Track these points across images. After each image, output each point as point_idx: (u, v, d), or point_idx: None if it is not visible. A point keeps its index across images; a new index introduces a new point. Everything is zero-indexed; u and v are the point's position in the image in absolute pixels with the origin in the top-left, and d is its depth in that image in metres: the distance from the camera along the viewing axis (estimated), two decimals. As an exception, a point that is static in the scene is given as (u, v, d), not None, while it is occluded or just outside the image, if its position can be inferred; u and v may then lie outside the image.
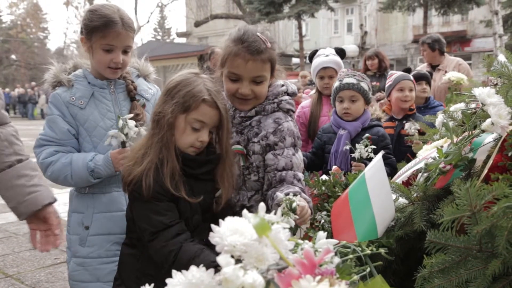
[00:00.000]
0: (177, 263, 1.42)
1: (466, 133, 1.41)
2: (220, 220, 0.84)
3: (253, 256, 0.80)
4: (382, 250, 1.09)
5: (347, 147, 2.44)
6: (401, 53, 26.20)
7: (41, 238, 1.66)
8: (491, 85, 1.70)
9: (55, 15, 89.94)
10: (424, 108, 3.66)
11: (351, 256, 1.02)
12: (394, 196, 1.44)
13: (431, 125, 2.07)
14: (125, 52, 1.92)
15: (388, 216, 1.34)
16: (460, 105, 1.68)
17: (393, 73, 3.46)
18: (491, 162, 1.27)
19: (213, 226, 0.84)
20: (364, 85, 2.60)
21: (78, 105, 1.92)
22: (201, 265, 0.79)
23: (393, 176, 1.74)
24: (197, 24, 24.11)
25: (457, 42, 24.83)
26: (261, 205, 0.88)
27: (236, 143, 1.71)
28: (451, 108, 1.71)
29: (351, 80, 2.59)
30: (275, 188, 1.63)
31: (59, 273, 3.70)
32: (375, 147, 2.32)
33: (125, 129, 1.84)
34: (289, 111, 1.76)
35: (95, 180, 1.90)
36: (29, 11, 43.18)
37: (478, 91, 1.35)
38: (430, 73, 4.00)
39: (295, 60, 24.11)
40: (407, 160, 2.77)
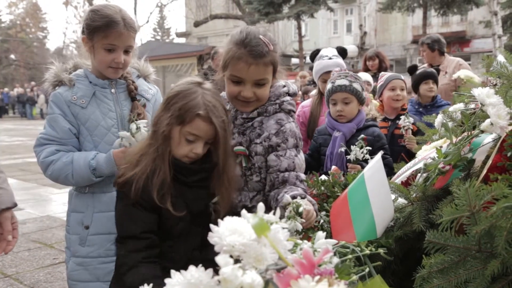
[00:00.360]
0: (125, 278, 1.47)
1: (465, 133, 1.41)
2: (219, 220, 0.84)
3: (252, 256, 0.79)
4: (381, 250, 1.10)
5: (342, 149, 2.43)
6: (400, 54, 26.22)
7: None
8: (490, 85, 1.70)
9: (54, 14, 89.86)
10: (430, 106, 3.62)
11: (350, 256, 1.02)
12: (393, 196, 1.44)
13: (430, 125, 2.07)
14: (126, 52, 1.93)
15: (387, 216, 1.34)
16: (459, 106, 1.68)
17: (384, 74, 3.46)
18: (490, 162, 1.27)
19: (212, 226, 0.84)
20: (356, 85, 2.56)
21: (80, 104, 1.92)
22: None
23: (390, 176, 1.74)
24: (197, 24, 24.12)
25: (456, 42, 24.86)
26: (260, 205, 0.88)
27: (238, 144, 1.71)
28: (450, 109, 1.71)
29: (343, 82, 2.56)
30: (278, 189, 1.63)
31: (57, 273, 3.70)
32: (370, 148, 2.31)
33: (137, 135, 1.85)
34: (290, 112, 1.76)
35: (96, 179, 1.91)
36: (28, 10, 43.16)
37: (477, 92, 1.35)
38: (437, 70, 3.89)
39: (295, 61, 24.12)
40: (401, 159, 2.79)
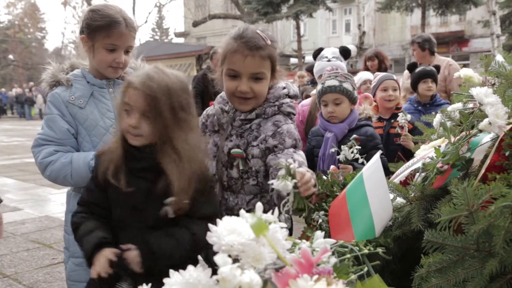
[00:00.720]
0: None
1: (464, 132, 1.41)
2: (218, 220, 0.84)
3: (251, 256, 0.80)
4: (379, 250, 1.10)
5: (333, 149, 2.41)
6: (399, 53, 26.23)
7: None
8: (488, 85, 1.70)
9: (52, 15, 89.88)
10: (429, 105, 3.60)
11: (348, 256, 1.02)
12: (392, 196, 1.44)
13: (428, 125, 2.07)
14: (126, 52, 1.94)
15: (386, 216, 1.34)
16: (457, 105, 1.68)
17: (377, 74, 3.47)
18: (488, 161, 1.27)
19: (210, 225, 0.84)
20: (347, 85, 2.53)
21: (78, 104, 1.92)
22: None
23: (388, 176, 1.74)
24: (195, 24, 24.11)
25: (455, 42, 24.90)
26: (259, 205, 0.88)
27: (236, 146, 1.70)
28: (449, 108, 1.71)
29: (333, 83, 2.52)
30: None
31: (56, 273, 3.69)
32: (359, 147, 2.29)
33: None
34: (289, 114, 1.74)
35: None
36: (26, 11, 43.10)
37: (476, 91, 1.36)
38: (437, 68, 3.86)
39: (293, 60, 24.13)
40: (398, 159, 2.79)
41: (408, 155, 2.77)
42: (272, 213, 0.88)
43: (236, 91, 1.66)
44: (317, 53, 3.32)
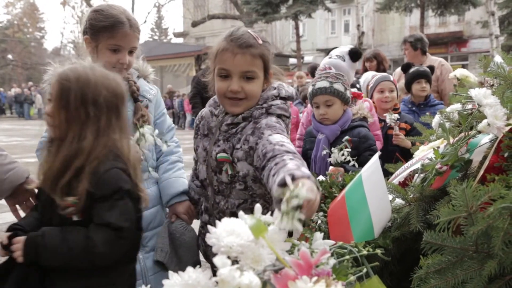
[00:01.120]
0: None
1: (463, 134, 1.41)
2: (217, 221, 0.84)
3: (250, 257, 0.80)
4: (378, 251, 1.10)
5: (325, 152, 2.38)
6: (398, 54, 26.19)
7: (24, 208, 1.76)
8: (487, 86, 1.71)
9: (52, 15, 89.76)
10: (424, 105, 3.61)
11: (347, 257, 1.02)
12: (390, 197, 1.44)
13: (426, 125, 2.08)
14: (130, 53, 1.91)
15: (385, 217, 1.34)
16: (456, 106, 1.68)
17: (375, 75, 3.46)
18: (487, 163, 1.28)
19: (209, 227, 0.84)
20: (338, 86, 2.45)
21: None
22: None
23: (388, 177, 1.74)
24: (194, 24, 24.10)
25: (453, 42, 24.92)
26: (257, 206, 0.88)
27: (222, 151, 1.65)
28: (448, 109, 1.71)
29: (324, 84, 2.45)
30: (266, 167, 1.35)
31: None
32: (350, 149, 2.26)
33: (142, 142, 1.84)
34: (281, 116, 1.65)
35: None
36: (25, 10, 43.06)
37: (475, 92, 1.36)
38: (431, 68, 3.85)
39: (292, 61, 24.14)
40: (396, 160, 2.79)
41: (407, 156, 2.77)
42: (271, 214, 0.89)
43: (227, 91, 1.61)
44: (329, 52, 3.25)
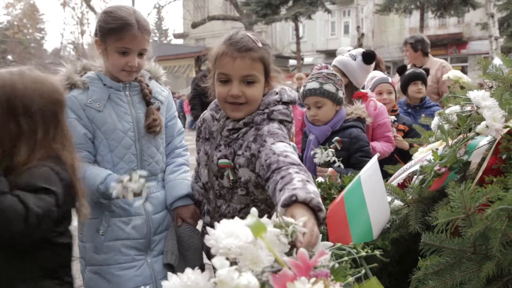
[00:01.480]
0: None
1: (461, 135, 1.42)
2: (216, 223, 0.84)
3: (248, 259, 0.80)
4: (377, 252, 1.10)
5: (313, 152, 2.37)
6: (397, 55, 26.26)
7: None
8: (486, 88, 1.71)
9: (52, 16, 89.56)
10: (419, 107, 3.61)
11: (346, 258, 1.02)
12: (389, 198, 1.45)
13: (425, 127, 2.08)
14: (140, 55, 1.87)
15: (384, 218, 1.34)
16: (455, 108, 1.68)
17: (373, 77, 3.47)
18: (485, 164, 1.28)
19: (208, 229, 0.84)
20: (328, 87, 2.40)
21: (96, 107, 1.85)
22: None
23: (386, 179, 1.75)
24: (194, 26, 24.11)
25: (453, 44, 24.97)
26: (253, 210, 0.88)
27: (224, 156, 1.64)
28: (447, 111, 1.72)
29: (314, 85, 2.42)
30: (271, 178, 1.34)
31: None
32: (333, 150, 2.24)
33: (129, 184, 1.73)
34: (283, 122, 1.63)
35: (106, 201, 1.83)
36: (25, 11, 43.08)
37: (473, 94, 1.36)
38: (426, 70, 3.86)
39: (292, 62, 24.17)
40: (394, 161, 2.80)
41: (405, 157, 2.78)
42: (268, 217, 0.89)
43: (227, 96, 1.59)
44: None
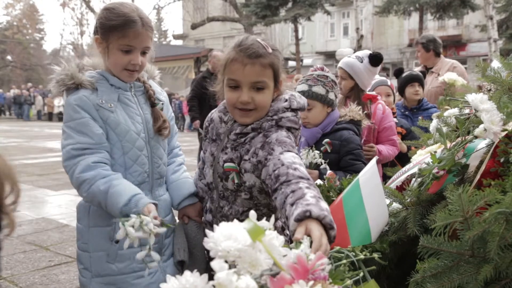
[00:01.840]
0: None
1: (460, 138, 1.42)
2: (215, 226, 0.84)
3: (247, 262, 0.80)
4: (375, 255, 1.10)
5: (301, 154, 2.33)
6: (396, 57, 26.32)
7: None
8: (485, 91, 1.72)
9: (51, 16, 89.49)
10: (416, 109, 3.61)
11: (344, 261, 1.02)
12: (388, 201, 1.45)
13: (423, 130, 2.09)
14: (143, 54, 1.80)
15: (382, 221, 1.35)
16: (453, 111, 1.69)
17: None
18: (483, 167, 1.28)
19: (207, 231, 0.84)
20: (317, 89, 2.39)
21: (108, 108, 1.76)
22: None
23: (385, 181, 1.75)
24: (194, 27, 24.11)
25: (452, 46, 25.00)
26: (252, 213, 0.89)
27: (229, 160, 1.64)
28: (445, 114, 1.72)
29: (302, 88, 2.39)
30: (279, 190, 1.34)
31: (53, 275, 3.68)
32: (319, 152, 2.23)
33: (131, 231, 1.48)
34: (290, 129, 1.62)
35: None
36: (25, 12, 43.08)
37: (471, 97, 1.37)
38: (423, 73, 3.86)
39: (291, 63, 24.18)
40: (392, 164, 2.80)
41: (403, 160, 2.78)
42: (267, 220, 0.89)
43: (237, 102, 1.59)
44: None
